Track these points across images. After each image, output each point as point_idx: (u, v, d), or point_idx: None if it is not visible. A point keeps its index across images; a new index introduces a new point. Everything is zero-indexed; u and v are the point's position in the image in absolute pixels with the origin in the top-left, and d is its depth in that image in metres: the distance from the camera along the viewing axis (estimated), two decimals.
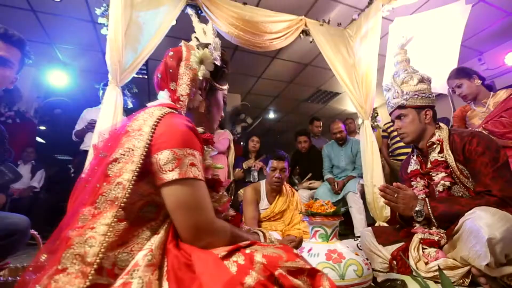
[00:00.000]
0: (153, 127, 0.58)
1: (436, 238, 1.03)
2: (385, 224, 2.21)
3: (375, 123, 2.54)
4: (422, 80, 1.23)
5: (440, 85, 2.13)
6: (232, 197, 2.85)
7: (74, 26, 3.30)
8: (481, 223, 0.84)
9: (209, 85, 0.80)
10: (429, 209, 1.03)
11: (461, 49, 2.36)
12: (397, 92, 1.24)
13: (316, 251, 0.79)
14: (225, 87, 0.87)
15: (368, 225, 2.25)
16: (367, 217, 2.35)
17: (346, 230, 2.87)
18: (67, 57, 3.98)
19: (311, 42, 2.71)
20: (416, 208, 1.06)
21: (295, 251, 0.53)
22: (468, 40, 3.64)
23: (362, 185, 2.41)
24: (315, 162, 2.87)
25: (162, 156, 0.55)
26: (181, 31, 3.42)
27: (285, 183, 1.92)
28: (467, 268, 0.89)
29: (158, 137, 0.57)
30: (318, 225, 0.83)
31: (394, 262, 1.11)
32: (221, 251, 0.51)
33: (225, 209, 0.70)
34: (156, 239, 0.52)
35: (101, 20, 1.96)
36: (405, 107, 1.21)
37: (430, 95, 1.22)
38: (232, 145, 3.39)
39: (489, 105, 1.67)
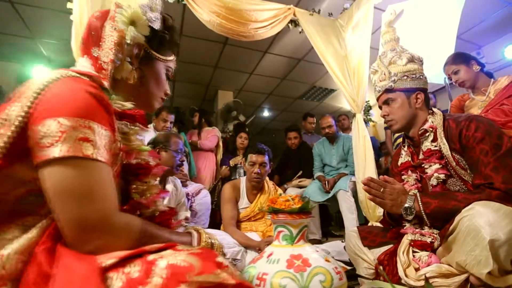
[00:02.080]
0: (38, 91, 0.43)
1: (429, 240, 0.87)
2: (379, 224, 2.05)
3: (368, 117, 2.38)
4: (412, 59, 1.08)
5: (435, 75, 1.98)
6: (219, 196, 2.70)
7: (56, 19, 3.16)
8: (481, 221, 0.69)
9: (144, 53, 0.66)
10: (420, 206, 0.88)
11: (459, 42, 2.22)
12: (384, 74, 1.09)
13: (277, 256, 0.63)
14: (170, 58, 0.73)
15: (360, 225, 2.09)
16: (359, 216, 2.20)
17: (341, 231, 2.71)
18: (52, 52, 3.85)
19: (300, 32, 2.58)
20: (406, 205, 0.90)
21: (219, 259, 0.38)
22: (466, 33, 3.51)
23: (354, 183, 2.25)
24: (305, 159, 2.72)
25: (43, 128, 0.40)
26: None
27: (267, 179, 1.77)
28: (464, 276, 0.74)
29: (43, 103, 0.43)
30: (282, 225, 0.68)
31: (381, 268, 0.96)
32: (110, 258, 0.36)
33: (151, 202, 0.55)
34: (22, 240, 0.37)
35: (69, 5, 1.82)
36: (393, 90, 1.06)
37: (421, 76, 1.07)
38: (220, 143, 3.26)
39: (489, 93, 1.52)
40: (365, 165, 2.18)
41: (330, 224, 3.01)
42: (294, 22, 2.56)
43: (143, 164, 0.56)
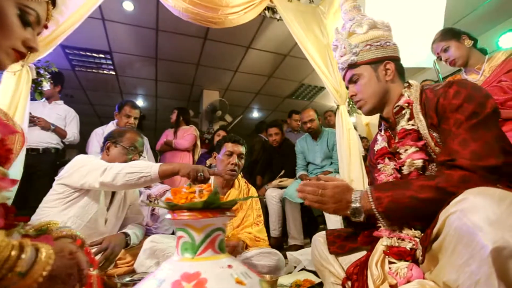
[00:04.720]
0: None
1: (408, 246, 0.65)
2: None
3: (353, 108, 2.17)
4: (374, 25, 0.86)
5: (423, 58, 1.78)
6: None
7: None
8: (476, 218, 0.46)
9: None
10: (371, 203, 0.66)
11: None
12: (344, 48, 0.87)
13: (164, 275, 0.40)
14: None
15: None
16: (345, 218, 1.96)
17: None
18: None
19: (278, 20, 2.39)
20: (352, 205, 0.69)
21: None
22: (458, 23, 3.34)
23: None
24: (288, 157, 2.49)
25: None
26: (142, 19, 3.13)
27: (240, 177, 1.55)
28: None
29: None
30: (181, 227, 0.45)
31: (349, 283, 0.73)
32: None
33: None
34: None
35: None
36: (357, 64, 0.85)
37: (388, 43, 0.85)
38: (198, 142, 3.04)
39: (484, 71, 1.31)
40: (350, 161, 1.96)
41: (318, 227, 2.76)
42: (271, 9, 2.38)
43: None
